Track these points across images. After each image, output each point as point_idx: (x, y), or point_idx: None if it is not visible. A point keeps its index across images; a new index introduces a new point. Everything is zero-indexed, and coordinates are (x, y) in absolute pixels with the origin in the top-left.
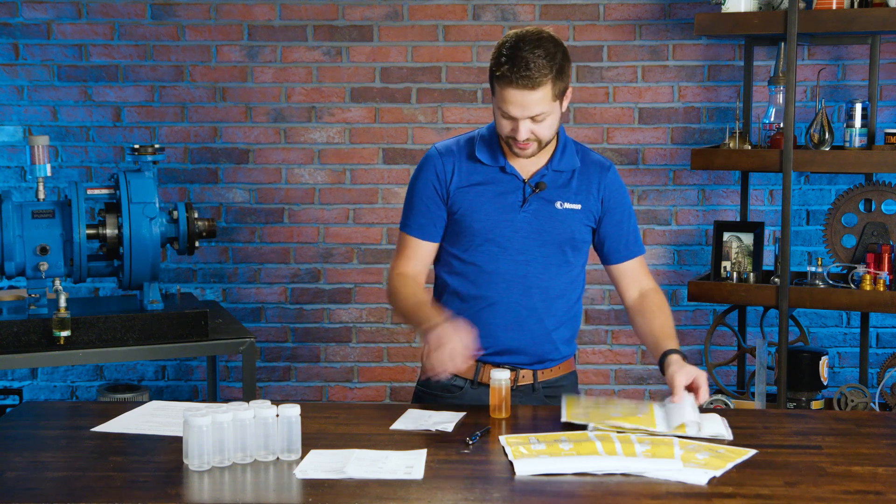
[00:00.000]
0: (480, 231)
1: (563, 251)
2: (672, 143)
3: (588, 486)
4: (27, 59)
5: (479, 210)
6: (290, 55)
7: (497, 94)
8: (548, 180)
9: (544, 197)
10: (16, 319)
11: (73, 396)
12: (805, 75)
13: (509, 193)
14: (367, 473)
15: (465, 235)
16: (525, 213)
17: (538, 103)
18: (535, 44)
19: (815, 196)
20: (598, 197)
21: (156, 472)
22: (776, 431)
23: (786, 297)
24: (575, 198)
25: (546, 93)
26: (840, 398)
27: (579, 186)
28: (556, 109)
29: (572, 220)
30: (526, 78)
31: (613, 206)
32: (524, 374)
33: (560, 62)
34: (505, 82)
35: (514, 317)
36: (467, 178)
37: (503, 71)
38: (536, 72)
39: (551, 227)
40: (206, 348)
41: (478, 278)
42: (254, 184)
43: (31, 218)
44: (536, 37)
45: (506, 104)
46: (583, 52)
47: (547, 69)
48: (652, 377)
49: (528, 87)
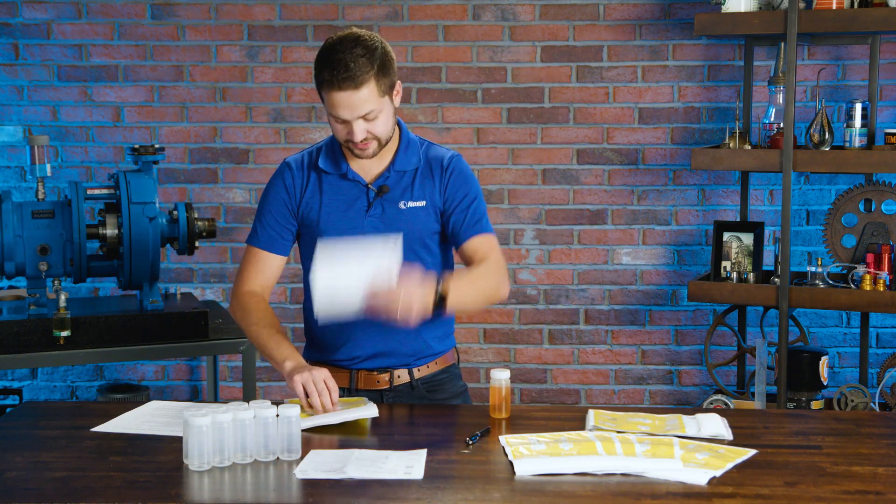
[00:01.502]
0: (329, 241)
1: (414, 251)
2: (672, 143)
3: (588, 486)
4: (27, 59)
5: (327, 220)
6: (290, 55)
7: (325, 101)
8: (391, 182)
9: (388, 199)
10: (16, 319)
11: (73, 396)
12: (805, 75)
13: (354, 200)
14: (367, 473)
15: (316, 247)
16: (371, 218)
17: (365, 102)
18: (353, 44)
19: (815, 196)
20: (441, 189)
21: (156, 472)
22: (776, 431)
23: (786, 297)
24: (419, 194)
25: (371, 90)
26: (840, 398)
27: (423, 182)
28: (387, 105)
29: (417, 217)
30: (348, 78)
31: (453, 192)
32: (399, 373)
33: (381, 57)
34: (328, 86)
35: (376, 322)
36: (314, 189)
37: (324, 76)
38: (357, 70)
39: (398, 228)
40: (206, 348)
41: None
42: (254, 184)
43: (31, 218)
44: (353, 37)
45: (335, 108)
46: (583, 52)
47: (368, 66)
48: (652, 377)
49: (351, 87)
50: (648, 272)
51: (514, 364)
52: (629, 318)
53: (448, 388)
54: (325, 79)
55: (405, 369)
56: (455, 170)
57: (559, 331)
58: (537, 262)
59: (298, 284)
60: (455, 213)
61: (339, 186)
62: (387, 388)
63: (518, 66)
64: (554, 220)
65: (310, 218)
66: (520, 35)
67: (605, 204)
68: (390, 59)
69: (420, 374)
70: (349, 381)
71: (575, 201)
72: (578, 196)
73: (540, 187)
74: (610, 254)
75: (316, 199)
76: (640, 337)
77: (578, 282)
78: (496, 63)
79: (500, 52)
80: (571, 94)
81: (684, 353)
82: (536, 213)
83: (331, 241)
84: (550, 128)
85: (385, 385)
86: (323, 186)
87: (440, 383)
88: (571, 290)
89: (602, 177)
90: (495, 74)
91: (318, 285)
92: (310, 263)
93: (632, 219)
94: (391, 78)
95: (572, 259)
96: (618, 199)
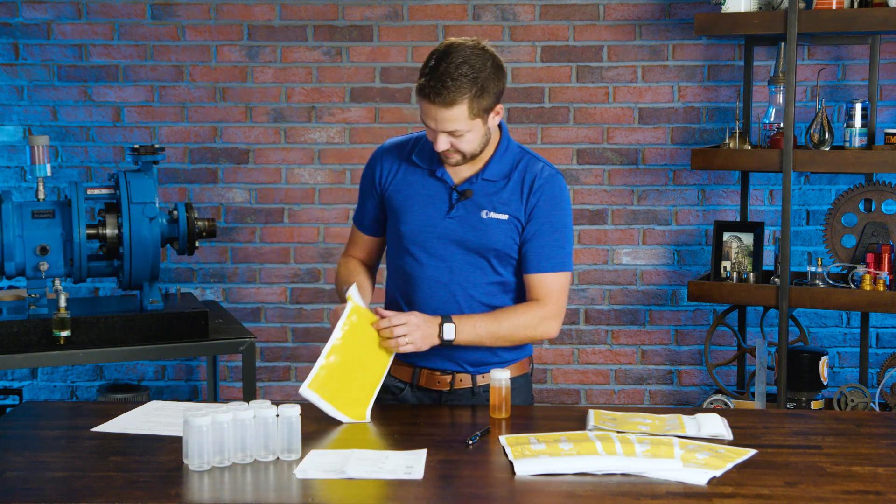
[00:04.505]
0: (406, 234)
1: (488, 259)
2: (672, 143)
3: (588, 486)
4: (27, 59)
5: (408, 213)
6: (290, 55)
7: (419, 103)
8: (476, 188)
9: (472, 204)
10: (16, 319)
11: (73, 396)
12: (805, 75)
13: (437, 199)
14: (367, 473)
15: (394, 238)
16: (451, 220)
17: (453, 120)
18: (462, 60)
19: (815, 196)
20: (527, 207)
21: (156, 472)
22: (776, 431)
23: (786, 297)
24: (503, 207)
25: (462, 111)
26: (840, 398)
27: (510, 196)
28: (478, 127)
29: (497, 230)
30: (440, 94)
31: (537, 215)
32: (461, 377)
33: (484, 81)
34: (421, 94)
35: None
36: (402, 178)
37: (422, 82)
38: (454, 90)
39: (475, 236)
40: (206, 348)
41: (405, 282)
42: (254, 184)
43: (31, 218)
44: (466, 53)
45: (424, 114)
46: (583, 52)
47: (466, 88)
48: (652, 377)
49: (441, 103)
50: (648, 272)
51: None
52: (629, 318)
53: (514, 398)
54: (421, 84)
55: (467, 374)
56: (547, 191)
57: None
58: None
59: (298, 284)
60: (533, 239)
61: (425, 182)
62: (447, 391)
63: (518, 66)
64: None
65: (392, 206)
66: (520, 35)
67: (605, 204)
68: (496, 81)
69: (484, 381)
70: (411, 377)
71: (575, 201)
72: (578, 196)
73: None
74: (610, 254)
75: (402, 190)
76: (640, 337)
77: (578, 282)
78: None
79: (500, 52)
80: (571, 94)
81: (684, 353)
82: None
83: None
84: (550, 128)
85: (446, 387)
86: (410, 178)
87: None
88: (571, 290)
89: (602, 177)
90: None
91: None
92: (391, 251)
93: (632, 219)
94: (489, 101)
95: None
96: (618, 199)
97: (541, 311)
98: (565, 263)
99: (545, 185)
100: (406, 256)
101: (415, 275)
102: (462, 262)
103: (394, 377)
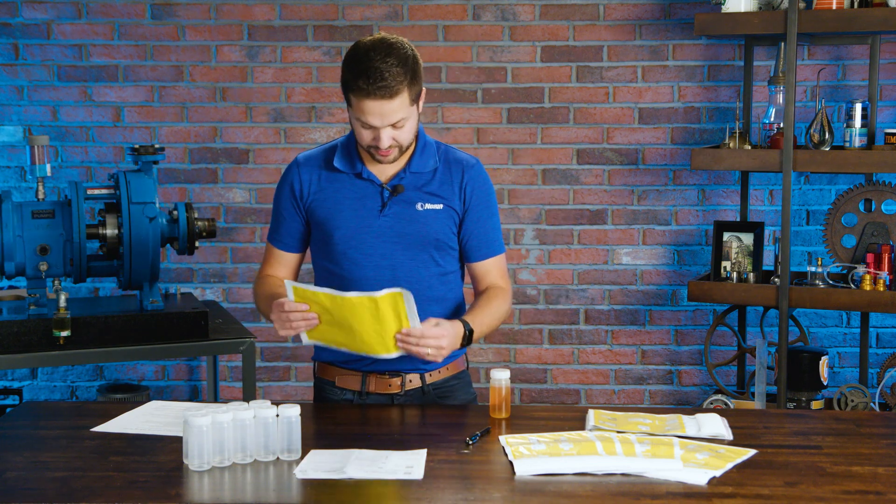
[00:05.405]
0: (341, 240)
1: (429, 253)
2: (672, 143)
3: (588, 486)
4: (27, 59)
5: (338, 218)
6: (290, 55)
7: (354, 106)
8: (406, 182)
9: (404, 199)
10: (16, 319)
11: (73, 396)
12: (805, 75)
13: (368, 199)
14: (367, 473)
15: (327, 245)
16: (385, 218)
17: (397, 111)
18: (387, 52)
19: (815, 196)
20: (461, 195)
21: (156, 472)
22: (776, 431)
23: (786, 297)
24: (436, 198)
25: (403, 99)
26: (840, 398)
27: (440, 187)
28: (414, 113)
29: (434, 220)
30: (383, 88)
31: (475, 203)
32: (410, 378)
33: (412, 66)
34: (362, 94)
35: None
36: (325, 187)
37: (359, 83)
38: (392, 80)
39: (413, 229)
40: (206, 348)
41: (346, 287)
42: (254, 184)
43: (31, 218)
44: (387, 45)
45: (365, 115)
46: (583, 52)
47: (402, 76)
48: (652, 377)
49: (385, 96)
50: (648, 272)
51: (514, 364)
52: (629, 318)
53: (459, 395)
54: (359, 86)
55: (417, 374)
56: (477, 179)
57: (559, 331)
58: (537, 262)
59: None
60: (472, 228)
61: (352, 185)
62: (398, 393)
63: (518, 66)
64: (554, 220)
65: (319, 216)
66: (520, 35)
67: (605, 204)
68: (419, 66)
69: (431, 378)
70: (360, 384)
71: (575, 201)
72: (578, 196)
73: (540, 187)
74: (610, 254)
75: (327, 198)
76: (640, 337)
77: (578, 282)
78: (496, 63)
79: (500, 52)
80: (571, 94)
81: (684, 353)
82: (536, 213)
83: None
84: (550, 128)
85: (397, 389)
86: (335, 185)
87: (451, 389)
88: (571, 290)
89: (602, 177)
90: (495, 74)
91: None
92: (321, 261)
93: (632, 219)
94: (419, 86)
95: (572, 259)
96: (618, 199)
97: (506, 295)
98: (503, 245)
99: (475, 173)
100: (343, 261)
101: (354, 277)
102: (403, 258)
103: (340, 388)
